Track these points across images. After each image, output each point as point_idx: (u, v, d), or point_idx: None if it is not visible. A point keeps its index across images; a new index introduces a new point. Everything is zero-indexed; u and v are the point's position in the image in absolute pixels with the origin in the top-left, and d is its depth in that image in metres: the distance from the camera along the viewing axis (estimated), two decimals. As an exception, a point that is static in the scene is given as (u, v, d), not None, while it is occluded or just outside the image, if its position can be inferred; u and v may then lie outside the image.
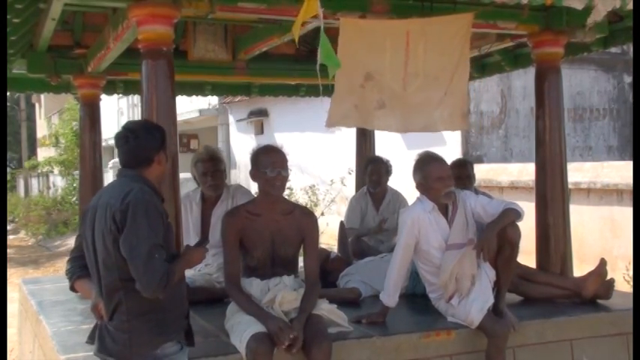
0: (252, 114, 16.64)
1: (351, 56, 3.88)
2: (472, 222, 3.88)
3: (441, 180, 3.81)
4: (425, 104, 4.22)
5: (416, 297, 4.49)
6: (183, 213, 4.73)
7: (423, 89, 4.14)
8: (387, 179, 5.78)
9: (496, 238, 3.73)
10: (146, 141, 2.87)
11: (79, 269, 3.08)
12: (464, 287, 3.81)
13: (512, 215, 3.76)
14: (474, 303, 3.72)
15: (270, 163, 3.46)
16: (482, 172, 9.50)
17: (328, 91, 7.33)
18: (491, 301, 3.76)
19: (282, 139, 13.43)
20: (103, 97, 5.81)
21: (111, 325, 2.79)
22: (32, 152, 33.24)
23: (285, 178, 3.50)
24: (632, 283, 6.98)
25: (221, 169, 4.59)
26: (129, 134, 2.88)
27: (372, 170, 5.70)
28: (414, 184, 3.98)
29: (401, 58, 3.97)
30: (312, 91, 7.23)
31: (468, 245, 3.81)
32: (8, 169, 33.46)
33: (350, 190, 8.76)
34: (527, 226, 3.86)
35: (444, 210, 3.90)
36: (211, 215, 4.59)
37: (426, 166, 3.88)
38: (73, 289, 3.46)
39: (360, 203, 5.78)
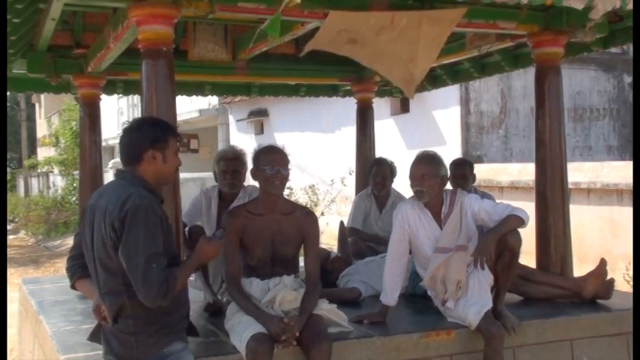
0: (252, 114, 16.64)
1: (334, 24, 3.98)
2: (468, 227, 3.84)
3: (411, 179, 3.84)
4: (391, 55, 4.36)
5: (416, 297, 4.50)
6: (205, 207, 4.74)
7: (394, 43, 4.23)
8: (392, 181, 5.76)
9: (496, 245, 3.69)
10: (136, 138, 2.84)
11: (79, 269, 3.08)
12: (450, 292, 3.81)
13: (514, 222, 3.72)
14: (472, 307, 3.70)
15: (269, 161, 3.47)
16: (482, 172, 9.50)
17: (327, 91, 7.36)
18: (489, 304, 3.74)
19: (282, 139, 13.45)
20: (103, 97, 5.81)
21: (116, 328, 2.78)
22: (32, 152, 33.25)
23: (285, 177, 3.50)
24: (632, 283, 6.97)
25: (241, 171, 4.68)
26: (124, 131, 2.88)
27: (376, 172, 5.68)
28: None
29: (380, 26, 4.07)
30: (312, 91, 7.23)
31: (456, 251, 3.80)
32: (8, 169, 33.46)
33: (350, 190, 8.76)
34: (528, 226, 3.84)
35: (437, 211, 3.89)
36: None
37: (411, 165, 3.90)
38: (74, 287, 3.48)
39: (365, 203, 5.77)
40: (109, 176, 14.81)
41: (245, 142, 16.04)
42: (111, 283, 2.75)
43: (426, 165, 3.83)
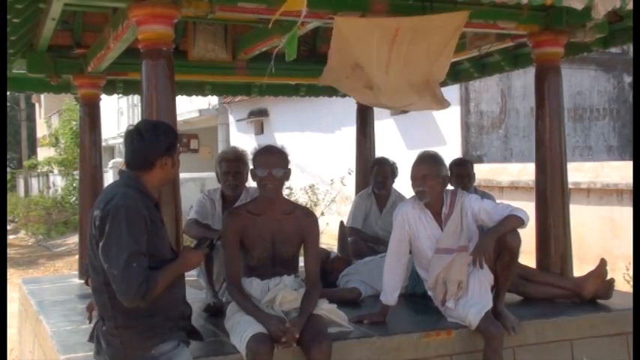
0: (252, 114, 16.64)
1: (343, 48, 4.01)
2: (469, 228, 3.85)
3: (413, 180, 3.84)
4: (406, 86, 4.37)
5: (416, 297, 4.50)
6: (210, 208, 4.71)
7: (404, 73, 4.25)
8: (393, 181, 5.76)
9: (495, 245, 3.69)
10: (150, 144, 2.82)
11: None
12: (451, 292, 3.80)
13: (513, 222, 3.72)
14: (472, 307, 3.70)
15: (262, 163, 3.48)
16: (482, 172, 9.51)
17: (327, 91, 7.36)
18: (490, 304, 3.74)
19: (282, 139, 13.45)
20: (103, 97, 5.81)
21: (104, 330, 2.79)
22: (32, 152, 33.24)
23: (276, 179, 3.47)
24: (632, 283, 6.97)
25: (243, 172, 4.65)
26: (134, 135, 2.84)
27: (377, 171, 5.69)
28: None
29: (386, 49, 4.08)
30: (312, 91, 7.23)
31: (458, 252, 3.80)
32: (8, 169, 33.44)
33: (350, 190, 8.76)
34: (528, 226, 3.84)
35: (437, 212, 3.89)
36: None
37: (413, 165, 3.90)
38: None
39: (365, 203, 5.78)
40: (109, 176, 14.84)
41: (245, 142, 16.05)
42: (95, 282, 2.77)
43: (428, 165, 3.84)
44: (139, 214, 2.69)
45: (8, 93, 14.61)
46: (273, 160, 3.49)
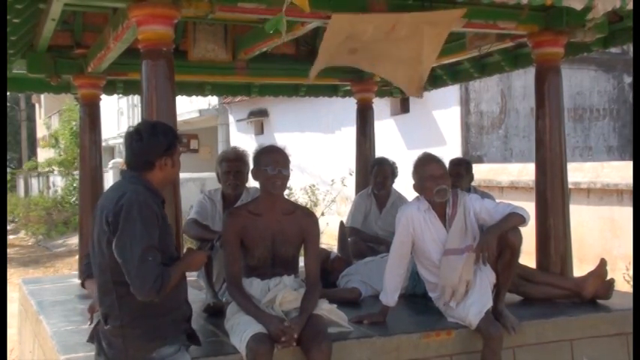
0: (252, 114, 16.65)
1: (337, 34, 4.03)
2: (472, 228, 3.86)
3: (433, 178, 3.81)
4: (393, 56, 4.38)
5: (416, 297, 4.50)
6: (211, 209, 4.71)
7: (395, 46, 4.27)
8: (393, 181, 5.76)
9: (497, 242, 3.70)
10: (148, 145, 2.83)
11: (91, 267, 3.11)
12: (459, 293, 3.80)
13: (515, 220, 3.72)
14: (472, 306, 3.71)
15: (271, 161, 3.48)
16: (482, 172, 9.51)
17: (327, 91, 7.37)
18: (490, 304, 3.75)
19: (282, 139, 13.45)
20: (103, 97, 5.81)
21: (107, 330, 2.78)
22: (32, 152, 33.26)
23: (286, 178, 3.50)
24: (632, 283, 6.97)
25: (244, 171, 4.64)
26: (134, 135, 2.86)
27: (377, 172, 5.69)
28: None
29: (382, 37, 4.11)
30: (312, 91, 7.23)
31: (467, 252, 3.80)
32: (8, 169, 33.43)
33: (350, 190, 8.77)
34: (528, 226, 3.84)
35: (441, 213, 3.89)
36: None
37: (421, 166, 3.89)
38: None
39: (365, 203, 5.78)
40: (109, 176, 14.84)
41: (245, 142, 16.05)
42: (101, 281, 2.77)
43: (441, 164, 3.89)
44: (151, 210, 2.71)
45: (8, 93, 14.60)
46: (282, 159, 3.51)
